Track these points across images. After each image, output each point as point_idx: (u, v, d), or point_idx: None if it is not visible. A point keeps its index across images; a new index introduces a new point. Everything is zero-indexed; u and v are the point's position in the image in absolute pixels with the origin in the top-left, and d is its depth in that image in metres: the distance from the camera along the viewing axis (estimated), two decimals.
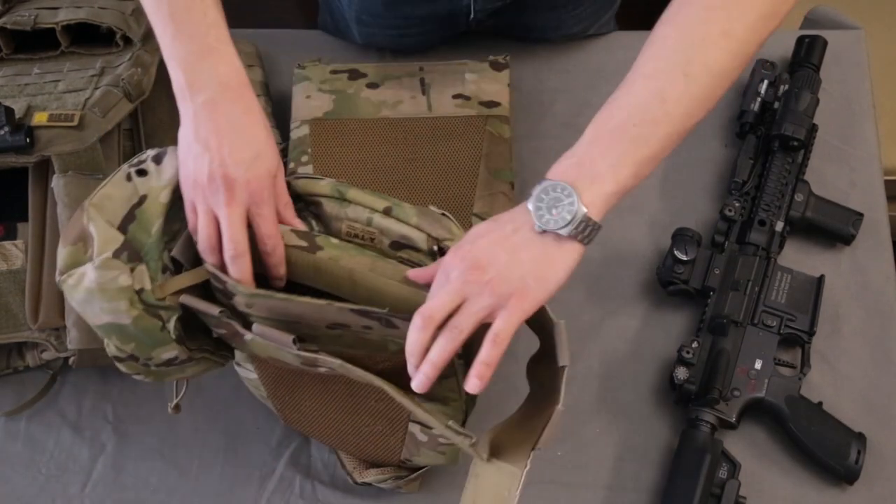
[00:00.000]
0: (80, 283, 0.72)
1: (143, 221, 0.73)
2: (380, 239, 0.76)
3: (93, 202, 0.72)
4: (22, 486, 0.95)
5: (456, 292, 0.67)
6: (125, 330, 0.74)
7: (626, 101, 0.70)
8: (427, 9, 1.07)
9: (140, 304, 0.72)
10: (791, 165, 1.03)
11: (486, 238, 0.69)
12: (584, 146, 0.70)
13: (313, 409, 0.85)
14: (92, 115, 0.93)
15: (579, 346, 0.99)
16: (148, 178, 0.74)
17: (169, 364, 0.78)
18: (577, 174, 0.68)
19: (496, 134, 1.04)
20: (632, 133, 0.69)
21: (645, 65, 0.71)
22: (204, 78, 0.73)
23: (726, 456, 0.90)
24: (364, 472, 0.91)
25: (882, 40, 1.30)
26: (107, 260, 0.71)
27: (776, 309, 0.96)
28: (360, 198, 0.76)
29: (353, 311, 0.69)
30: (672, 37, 0.71)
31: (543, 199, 0.67)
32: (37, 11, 1.01)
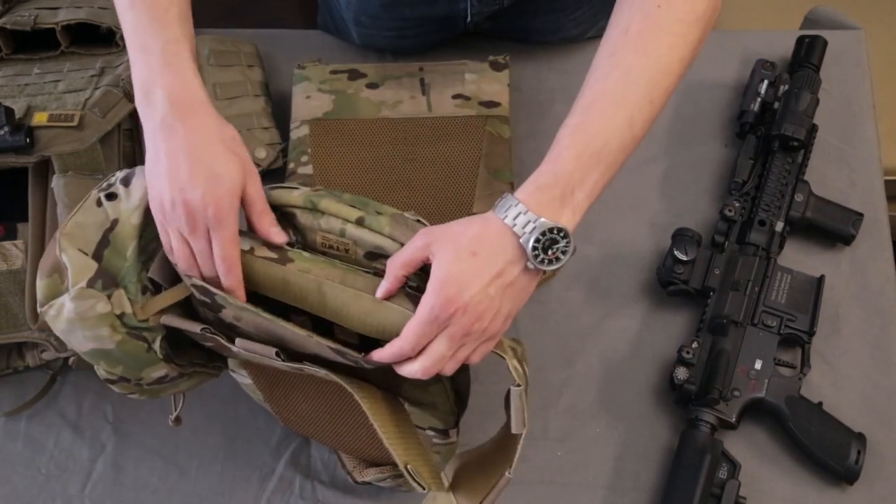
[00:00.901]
0: (61, 314, 0.72)
1: (117, 245, 0.73)
2: (354, 250, 0.75)
3: (64, 232, 0.72)
4: (22, 486, 0.95)
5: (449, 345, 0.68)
6: (111, 354, 0.74)
7: (601, 128, 0.71)
8: (425, 11, 1.07)
9: (123, 328, 0.72)
10: (791, 165, 1.03)
11: (477, 282, 0.67)
12: (565, 175, 0.69)
13: (309, 411, 0.85)
14: (92, 116, 0.94)
15: (579, 346, 0.99)
16: (118, 201, 0.74)
17: (160, 382, 0.78)
18: (560, 206, 0.69)
19: (496, 134, 1.04)
20: (606, 161, 0.71)
21: (616, 92, 0.72)
22: (158, 98, 0.72)
23: (726, 456, 0.90)
24: (364, 471, 0.91)
25: (882, 40, 1.30)
26: (81, 290, 0.71)
27: (776, 309, 0.96)
28: (333, 208, 0.75)
29: (331, 348, 0.69)
30: (640, 65, 0.72)
31: (540, 241, 0.67)
32: (37, 11, 1.01)
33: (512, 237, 0.68)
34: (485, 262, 0.67)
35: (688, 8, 0.74)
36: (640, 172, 1.08)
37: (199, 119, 0.72)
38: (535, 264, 0.68)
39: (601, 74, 0.73)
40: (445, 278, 0.67)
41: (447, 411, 0.80)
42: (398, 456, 0.72)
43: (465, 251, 0.67)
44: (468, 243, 0.68)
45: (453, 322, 0.67)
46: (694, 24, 0.74)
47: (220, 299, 0.71)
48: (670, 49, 0.73)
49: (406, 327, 0.68)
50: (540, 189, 0.69)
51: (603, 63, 0.74)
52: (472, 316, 0.67)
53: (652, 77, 0.72)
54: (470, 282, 0.67)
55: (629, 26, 0.74)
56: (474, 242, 0.68)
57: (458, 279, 0.67)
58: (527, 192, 0.69)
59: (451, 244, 0.68)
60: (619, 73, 0.72)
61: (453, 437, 0.84)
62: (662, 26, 0.73)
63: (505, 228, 0.68)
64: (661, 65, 0.73)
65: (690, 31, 0.74)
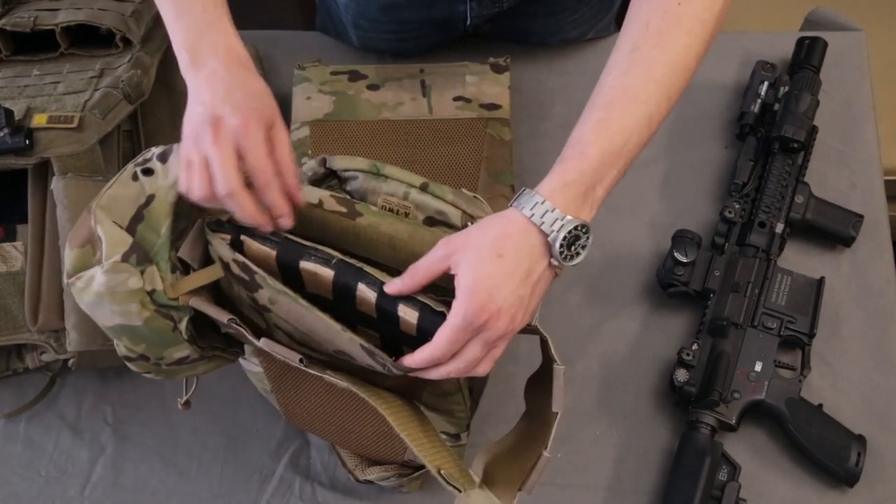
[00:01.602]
0: (89, 287, 0.71)
1: (151, 221, 0.72)
2: (414, 214, 0.76)
3: (100, 204, 0.71)
4: (21, 488, 0.95)
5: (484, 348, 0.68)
6: (136, 331, 0.73)
7: (624, 126, 0.71)
8: (424, 14, 1.07)
9: (152, 304, 0.72)
10: (791, 167, 1.03)
11: (508, 285, 0.67)
12: (590, 171, 0.70)
13: (317, 405, 0.84)
14: (91, 117, 0.94)
15: (579, 347, 0.99)
16: (154, 177, 0.73)
17: (180, 363, 0.78)
18: (583, 204, 0.70)
19: (497, 136, 1.04)
20: (625, 157, 0.71)
21: (637, 88, 0.72)
22: (205, 53, 0.73)
23: (726, 458, 0.90)
24: (366, 469, 0.91)
25: (882, 41, 1.30)
26: (116, 264, 0.70)
27: (776, 311, 0.96)
28: (398, 173, 0.77)
29: (363, 346, 0.69)
30: (660, 62, 0.73)
31: (567, 238, 0.68)
32: (36, 13, 1.01)
33: (538, 234, 0.68)
34: (513, 263, 0.67)
35: (706, 5, 0.74)
36: (640, 174, 1.08)
37: (244, 73, 0.74)
38: (559, 260, 0.68)
39: (622, 70, 0.73)
40: (474, 284, 0.66)
41: (463, 418, 0.81)
42: (430, 462, 0.71)
43: (489, 254, 0.67)
44: (491, 245, 0.67)
45: (488, 327, 0.67)
46: (710, 22, 0.75)
47: (260, 279, 0.70)
48: (688, 47, 0.74)
49: (438, 334, 0.67)
50: (567, 186, 0.69)
51: (624, 59, 0.74)
52: (507, 318, 0.67)
53: (671, 74, 0.73)
54: (501, 285, 0.66)
55: (649, 22, 0.74)
56: (498, 244, 0.67)
57: (488, 284, 0.66)
58: (553, 189, 0.69)
59: (474, 249, 0.67)
60: (640, 70, 0.73)
61: (464, 440, 0.84)
62: (682, 24, 0.74)
63: (530, 226, 0.68)
64: (679, 62, 0.74)
65: (706, 29, 0.75)
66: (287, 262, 0.72)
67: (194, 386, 0.83)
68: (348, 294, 0.71)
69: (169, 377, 0.80)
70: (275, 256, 0.72)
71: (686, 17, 0.74)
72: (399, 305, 0.69)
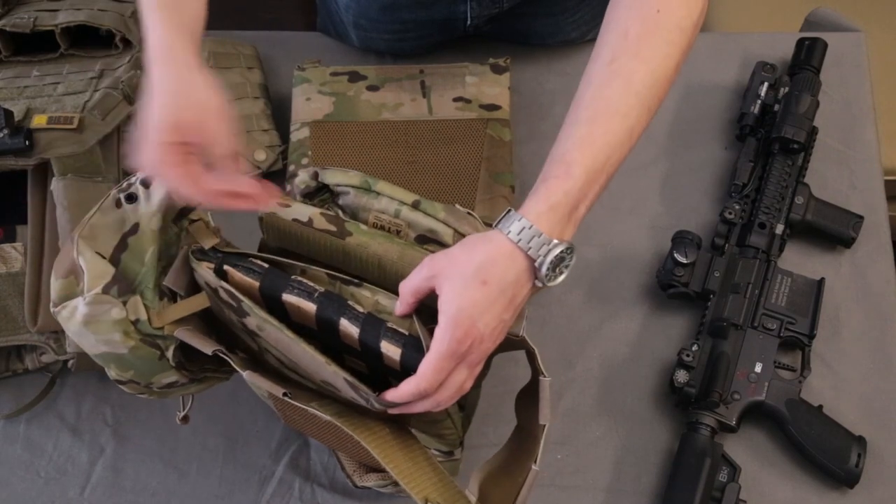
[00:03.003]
0: (74, 316, 0.71)
1: (135, 250, 0.72)
2: (406, 232, 0.75)
3: (82, 234, 0.71)
4: (21, 489, 0.94)
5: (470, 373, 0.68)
6: (123, 359, 0.73)
7: (606, 142, 0.70)
8: (424, 14, 1.07)
9: (137, 334, 0.71)
10: (791, 168, 1.03)
11: (491, 311, 0.66)
12: (575, 192, 0.69)
13: (313, 422, 0.84)
14: (91, 118, 0.93)
15: (579, 348, 0.99)
16: (137, 203, 0.73)
17: (170, 387, 0.78)
18: (568, 224, 0.69)
19: (497, 137, 1.04)
20: (607, 172, 0.71)
21: (617, 101, 0.71)
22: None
23: (726, 459, 0.90)
24: (365, 475, 0.91)
25: (882, 42, 1.30)
26: (97, 296, 0.70)
27: (776, 312, 0.96)
28: (389, 190, 0.76)
29: (346, 380, 0.69)
30: (641, 73, 0.72)
31: (554, 263, 0.68)
32: (36, 13, 1.01)
33: (524, 259, 0.67)
34: (496, 290, 0.67)
35: (685, 13, 0.73)
36: (639, 175, 1.08)
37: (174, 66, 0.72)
38: (544, 282, 0.68)
39: (602, 82, 0.72)
40: (457, 313, 0.65)
41: (454, 439, 0.80)
42: (416, 493, 0.71)
43: (473, 281, 0.66)
44: (475, 271, 0.66)
45: (472, 351, 0.67)
46: (689, 31, 0.74)
47: (247, 307, 0.70)
48: (667, 56, 0.73)
49: (422, 365, 0.66)
50: (552, 209, 0.68)
51: (603, 70, 0.73)
52: (490, 342, 0.67)
53: (652, 85, 0.72)
54: (483, 311, 0.66)
55: (628, 30, 0.73)
56: (483, 270, 0.66)
57: (471, 311, 0.66)
58: (539, 213, 0.68)
59: (458, 275, 0.66)
60: (621, 82, 0.72)
61: (457, 456, 0.84)
62: (661, 33, 0.73)
63: (515, 251, 0.67)
64: (659, 72, 0.72)
65: (685, 37, 0.74)
66: (270, 293, 0.71)
67: (191, 402, 0.83)
68: (331, 327, 0.70)
69: (162, 397, 0.81)
70: (258, 287, 0.72)
71: (665, 26, 0.73)
72: (382, 342, 0.68)
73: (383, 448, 0.72)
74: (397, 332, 0.69)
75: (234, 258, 0.73)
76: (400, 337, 0.68)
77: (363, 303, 0.72)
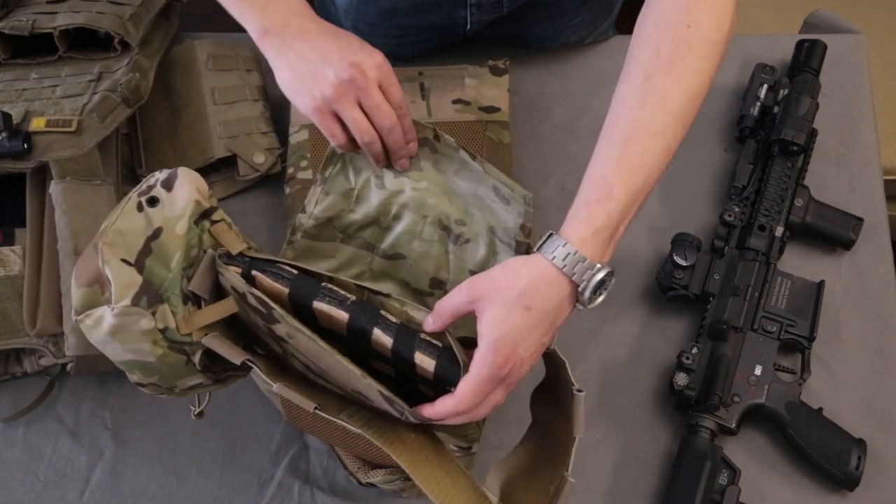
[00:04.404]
0: (99, 326, 0.69)
1: (160, 255, 0.70)
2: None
3: (106, 241, 0.69)
4: (20, 492, 0.94)
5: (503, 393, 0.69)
6: (149, 366, 0.72)
7: (644, 161, 0.71)
8: (424, 19, 1.07)
9: (165, 342, 0.70)
10: (791, 170, 1.03)
11: (532, 337, 0.67)
12: (617, 214, 0.70)
13: (326, 427, 0.84)
14: (90, 121, 0.93)
15: (579, 351, 0.99)
16: (160, 207, 0.71)
17: (193, 389, 0.77)
18: (609, 246, 0.70)
19: (496, 139, 1.04)
20: (646, 191, 0.71)
21: (653, 120, 0.72)
22: (281, 17, 0.76)
23: (726, 462, 0.90)
24: (370, 472, 0.90)
25: (881, 43, 1.30)
26: (126, 308, 0.68)
27: (776, 314, 0.96)
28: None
29: (382, 394, 0.68)
30: (674, 91, 0.72)
31: (596, 287, 0.69)
32: (35, 16, 1.00)
33: (568, 285, 0.68)
34: (539, 316, 0.67)
35: (715, 26, 0.74)
36: None
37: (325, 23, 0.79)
38: (585, 305, 0.69)
39: (637, 101, 0.72)
40: (499, 339, 0.66)
41: (475, 437, 0.81)
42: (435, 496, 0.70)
43: (516, 307, 0.66)
44: (518, 297, 0.67)
45: (511, 375, 0.67)
46: (720, 44, 0.74)
47: (277, 315, 0.69)
48: (700, 72, 0.73)
49: (461, 387, 0.67)
50: (596, 233, 0.69)
51: (637, 89, 0.73)
52: (528, 364, 0.68)
53: (686, 102, 0.72)
54: (525, 337, 0.67)
55: (660, 49, 0.73)
56: (526, 296, 0.67)
57: (513, 337, 0.66)
58: (583, 238, 0.68)
59: (501, 301, 0.67)
60: (656, 100, 0.72)
61: (474, 450, 0.84)
62: (693, 49, 0.73)
63: (560, 276, 0.68)
64: (693, 88, 0.73)
65: (717, 51, 0.74)
66: (300, 300, 0.71)
67: (207, 399, 0.82)
68: (363, 336, 0.70)
69: (182, 396, 0.80)
70: (287, 294, 0.71)
71: (696, 41, 0.73)
72: (416, 353, 0.68)
73: (414, 461, 0.71)
74: (431, 343, 0.69)
75: (261, 263, 0.72)
76: (434, 349, 0.68)
77: (393, 313, 0.72)
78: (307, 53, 0.78)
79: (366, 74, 0.77)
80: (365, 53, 0.78)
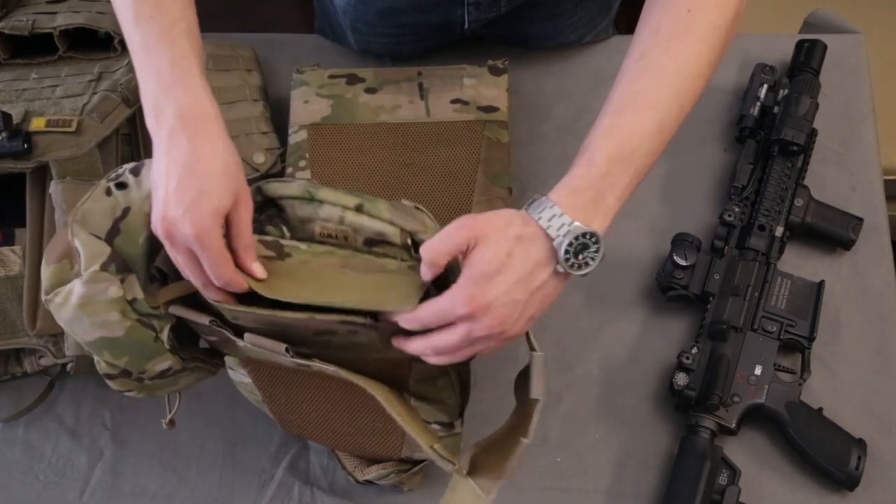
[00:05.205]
0: (68, 301, 0.70)
1: (128, 233, 0.72)
2: (353, 237, 0.74)
3: (76, 218, 0.71)
4: (20, 492, 0.94)
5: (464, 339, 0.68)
6: (118, 343, 0.73)
7: (632, 132, 0.71)
8: (421, 18, 1.07)
9: (133, 313, 0.71)
10: (791, 170, 1.03)
11: (502, 280, 0.67)
12: (598, 178, 0.69)
13: (311, 409, 0.84)
14: (90, 121, 0.93)
15: (579, 351, 0.99)
16: (128, 190, 0.72)
17: (163, 376, 0.78)
18: (593, 212, 0.69)
19: (494, 139, 1.04)
20: (636, 164, 0.71)
21: (646, 94, 0.72)
22: (166, 112, 0.71)
23: (726, 462, 0.90)
24: (365, 469, 0.91)
25: (881, 43, 1.30)
26: (95, 273, 0.70)
27: (776, 314, 0.96)
28: (331, 196, 0.74)
29: (338, 321, 0.69)
30: (670, 68, 0.73)
31: (573, 244, 0.67)
32: (34, 16, 1.01)
33: (545, 239, 0.68)
34: (517, 265, 0.67)
35: (717, 12, 0.74)
36: None
37: (205, 136, 0.71)
38: (566, 268, 0.68)
39: (632, 77, 0.73)
40: (476, 274, 0.66)
41: (454, 404, 0.81)
42: (423, 439, 0.72)
43: (503, 251, 0.67)
44: (508, 243, 0.67)
45: (476, 320, 0.67)
46: (723, 29, 0.75)
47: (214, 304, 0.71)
48: (699, 54, 0.73)
49: (426, 305, 0.67)
50: (574, 193, 0.69)
51: (633, 66, 0.74)
52: (495, 318, 0.67)
53: (682, 80, 0.73)
54: (498, 282, 0.66)
55: (659, 28, 0.74)
56: (512, 243, 0.67)
57: (488, 277, 0.66)
58: (561, 195, 0.69)
59: (494, 243, 0.67)
60: (650, 76, 0.73)
61: (458, 429, 0.84)
62: (693, 31, 0.74)
63: (539, 230, 0.68)
64: (690, 68, 0.73)
65: (719, 35, 0.74)
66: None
67: (178, 403, 0.83)
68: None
69: (151, 394, 0.80)
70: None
71: (697, 24, 0.73)
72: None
73: (387, 396, 0.73)
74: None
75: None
76: None
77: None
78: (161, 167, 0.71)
79: (174, 237, 0.69)
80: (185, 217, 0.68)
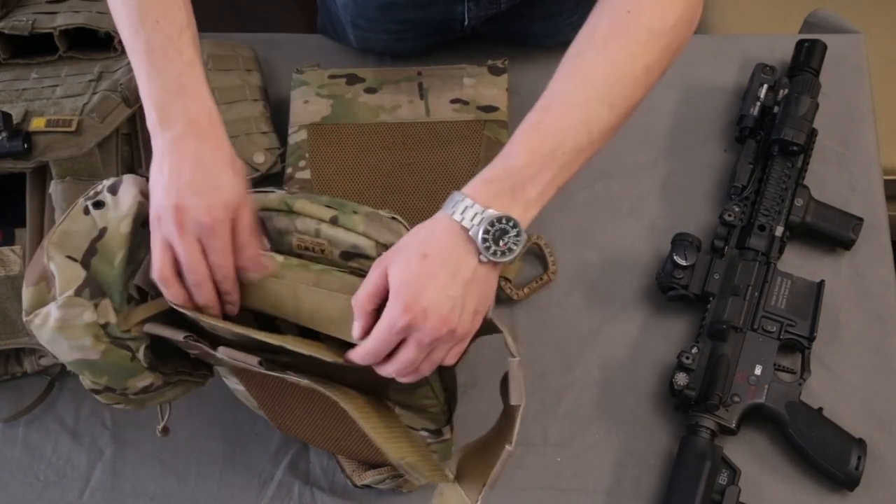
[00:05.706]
0: (46, 323, 0.71)
1: (105, 254, 0.72)
2: (329, 250, 0.75)
3: (52, 241, 0.72)
4: (20, 492, 0.94)
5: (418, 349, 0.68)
6: (96, 365, 0.73)
7: (556, 128, 0.71)
8: (421, 14, 1.07)
9: (106, 337, 0.72)
10: (791, 170, 1.03)
11: (428, 279, 0.67)
12: (516, 169, 0.69)
13: (303, 416, 0.84)
14: (90, 121, 0.93)
15: (578, 351, 0.99)
16: (105, 209, 0.73)
17: (146, 391, 0.78)
18: (511, 201, 0.69)
19: (494, 138, 1.04)
20: (560, 160, 0.70)
21: (574, 92, 0.72)
22: (174, 116, 0.72)
23: (726, 462, 0.90)
24: (363, 474, 0.91)
25: (881, 43, 1.30)
26: (69, 298, 0.70)
27: (776, 314, 0.96)
28: (307, 209, 0.75)
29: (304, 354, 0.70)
30: (601, 68, 0.72)
31: (489, 231, 0.67)
32: (35, 16, 1.01)
33: (461, 232, 0.68)
34: (437, 262, 0.67)
35: (657, 16, 0.73)
36: (639, 177, 1.08)
37: (213, 139, 0.72)
38: (488, 256, 0.68)
39: (563, 75, 0.73)
40: (399, 284, 0.67)
41: (438, 412, 0.80)
42: (390, 452, 0.72)
43: (415, 255, 0.67)
44: (417, 247, 0.68)
45: (418, 327, 0.67)
46: (663, 34, 0.73)
47: (190, 318, 0.71)
48: (634, 56, 0.73)
49: (373, 332, 0.68)
50: (488, 182, 0.69)
51: (566, 64, 0.74)
52: (437, 320, 0.67)
53: (613, 81, 0.72)
54: (425, 284, 0.66)
55: (596, 28, 0.74)
56: (423, 245, 0.68)
57: (413, 283, 0.66)
58: (474, 186, 0.69)
59: (403, 254, 0.68)
60: (580, 74, 0.72)
61: (447, 435, 0.84)
62: (629, 33, 0.73)
63: (453, 224, 0.68)
64: (622, 70, 0.72)
65: (659, 40, 0.73)
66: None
67: (168, 412, 0.84)
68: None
69: (139, 406, 0.81)
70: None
71: (634, 26, 0.73)
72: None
73: (357, 406, 0.73)
74: None
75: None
76: None
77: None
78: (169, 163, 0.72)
79: (184, 225, 0.70)
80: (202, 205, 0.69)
